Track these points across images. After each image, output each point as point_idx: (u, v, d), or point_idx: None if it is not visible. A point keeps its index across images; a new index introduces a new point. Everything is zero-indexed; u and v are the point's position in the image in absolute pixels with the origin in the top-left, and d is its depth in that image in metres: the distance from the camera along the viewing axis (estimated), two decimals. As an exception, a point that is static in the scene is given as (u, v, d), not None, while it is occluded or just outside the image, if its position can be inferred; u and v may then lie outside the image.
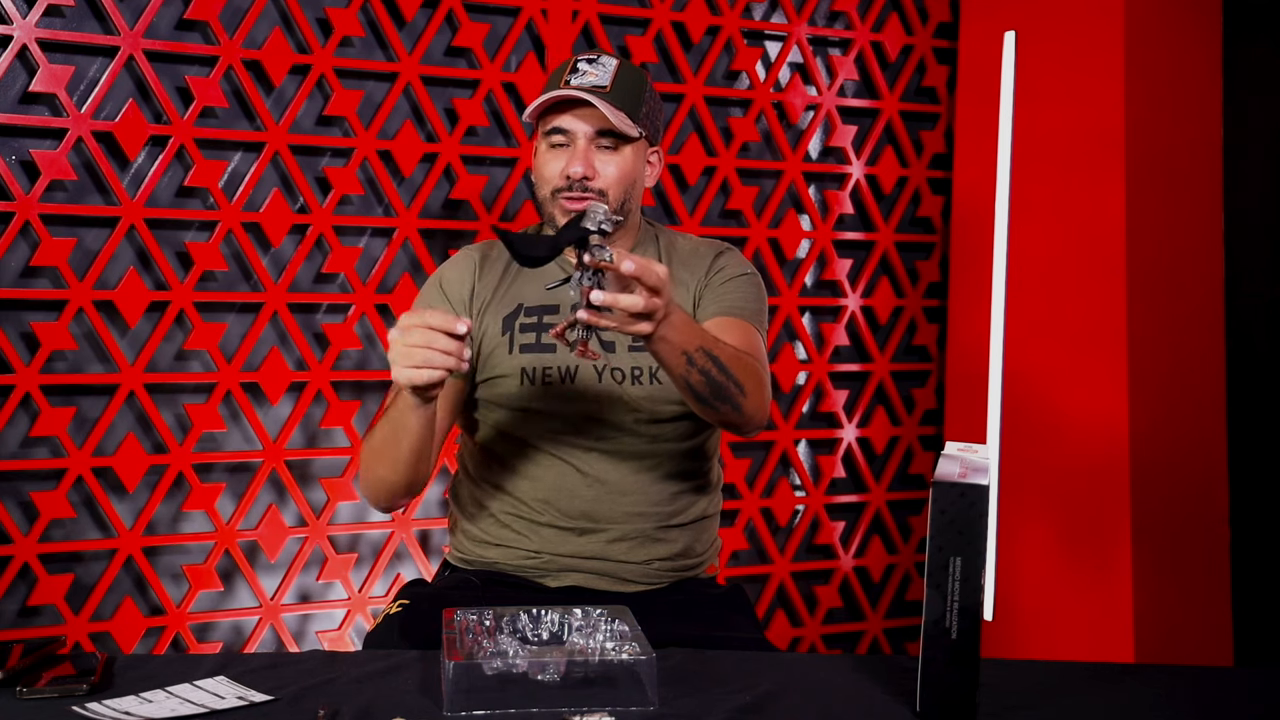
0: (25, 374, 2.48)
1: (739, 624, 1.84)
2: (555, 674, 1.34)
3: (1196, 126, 2.98)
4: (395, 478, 1.77)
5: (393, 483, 1.78)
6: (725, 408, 1.69)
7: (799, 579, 3.20)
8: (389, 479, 1.78)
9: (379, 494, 1.82)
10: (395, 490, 1.80)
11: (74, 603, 2.54)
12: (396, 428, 1.71)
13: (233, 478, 2.70)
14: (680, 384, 1.66)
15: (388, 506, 1.86)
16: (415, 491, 1.82)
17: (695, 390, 1.66)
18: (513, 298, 1.90)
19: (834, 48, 3.23)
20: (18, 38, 2.46)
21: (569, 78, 1.82)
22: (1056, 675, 1.53)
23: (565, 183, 1.81)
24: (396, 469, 1.75)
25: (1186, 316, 2.94)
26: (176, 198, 2.65)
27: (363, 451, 1.83)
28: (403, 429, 1.69)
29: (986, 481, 1.29)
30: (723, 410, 1.69)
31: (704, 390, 1.66)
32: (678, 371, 1.64)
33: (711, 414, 1.71)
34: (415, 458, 1.73)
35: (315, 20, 2.72)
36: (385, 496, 1.82)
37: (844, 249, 3.25)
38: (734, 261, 1.95)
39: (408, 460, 1.74)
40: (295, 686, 1.38)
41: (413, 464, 1.75)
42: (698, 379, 1.64)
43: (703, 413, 1.72)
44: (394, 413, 1.71)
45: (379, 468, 1.78)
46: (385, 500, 1.83)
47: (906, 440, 3.30)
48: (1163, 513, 2.85)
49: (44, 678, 1.36)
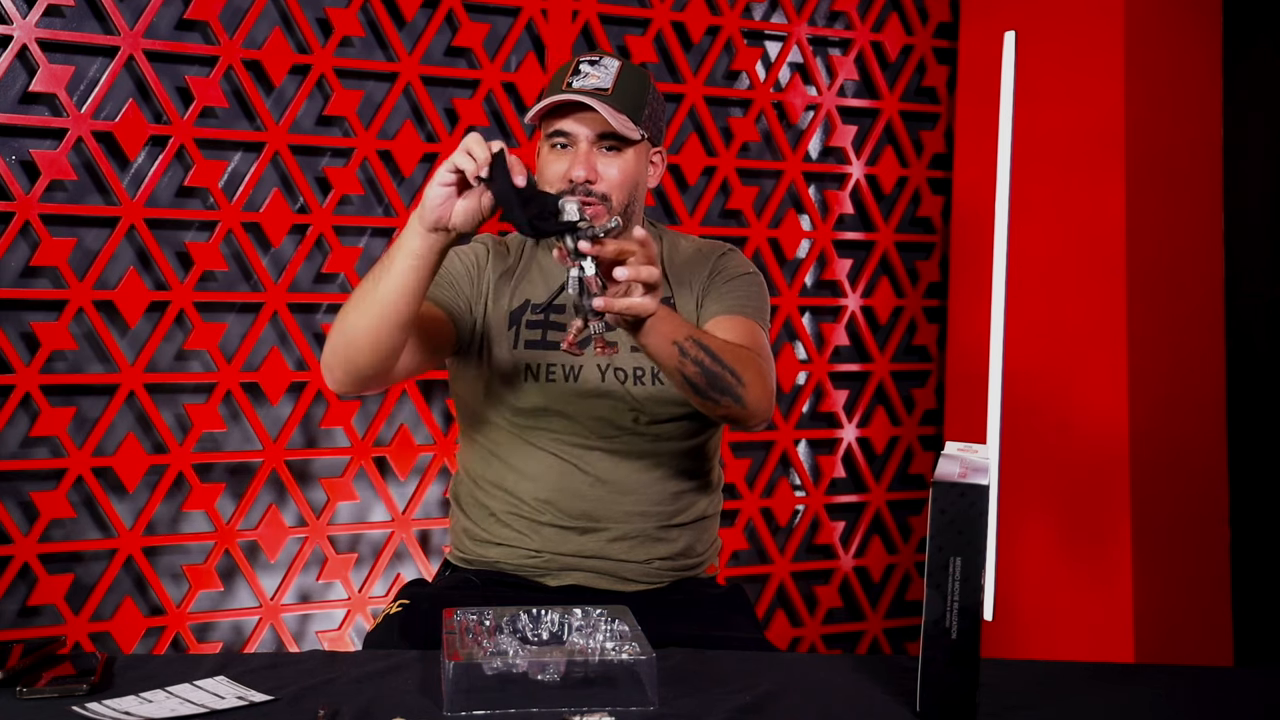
0: (25, 374, 2.48)
1: (739, 624, 1.84)
2: (555, 674, 1.34)
3: (1196, 126, 2.98)
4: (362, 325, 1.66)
5: (355, 331, 1.66)
6: (725, 400, 1.68)
7: (799, 579, 3.20)
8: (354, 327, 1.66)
9: (339, 349, 1.69)
10: (357, 343, 1.67)
11: (74, 603, 2.54)
12: (384, 270, 1.63)
13: (233, 478, 2.70)
14: (676, 378, 1.66)
15: (341, 371, 1.72)
16: (375, 359, 1.68)
17: (692, 382, 1.66)
18: (521, 293, 1.90)
19: (834, 48, 3.23)
20: (18, 38, 2.46)
21: (571, 80, 1.82)
22: (1056, 675, 1.52)
23: (568, 186, 1.80)
24: (368, 316, 1.64)
25: (1186, 316, 2.94)
26: (176, 198, 2.65)
27: (341, 311, 1.71)
28: (389, 272, 1.61)
29: (986, 481, 1.29)
30: (723, 402, 1.69)
31: (700, 381, 1.66)
32: (671, 364, 1.64)
33: (713, 407, 1.71)
34: (390, 309, 1.63)
35: (315, 20, 2.72)
36: (344, 351, 1.69)
37: (844, 249, 3.25)
38: (736, 261, 1.95)
39: (382, 306, 1.63)
40: (295, 686, 1.38)
41: (387, 314, 1.63)
42: (692, 369, 1.64)
43: (704, 407, 1.72)
44: (387, 260, 1.63)
45: (350, 314, 1.67)
46: (341, 355, 1.70)
47: (906, 440, 3.30)
48: (1163, 513, 2.85)
49: (44, 678, 1.36)
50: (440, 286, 1.84)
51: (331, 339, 1.72)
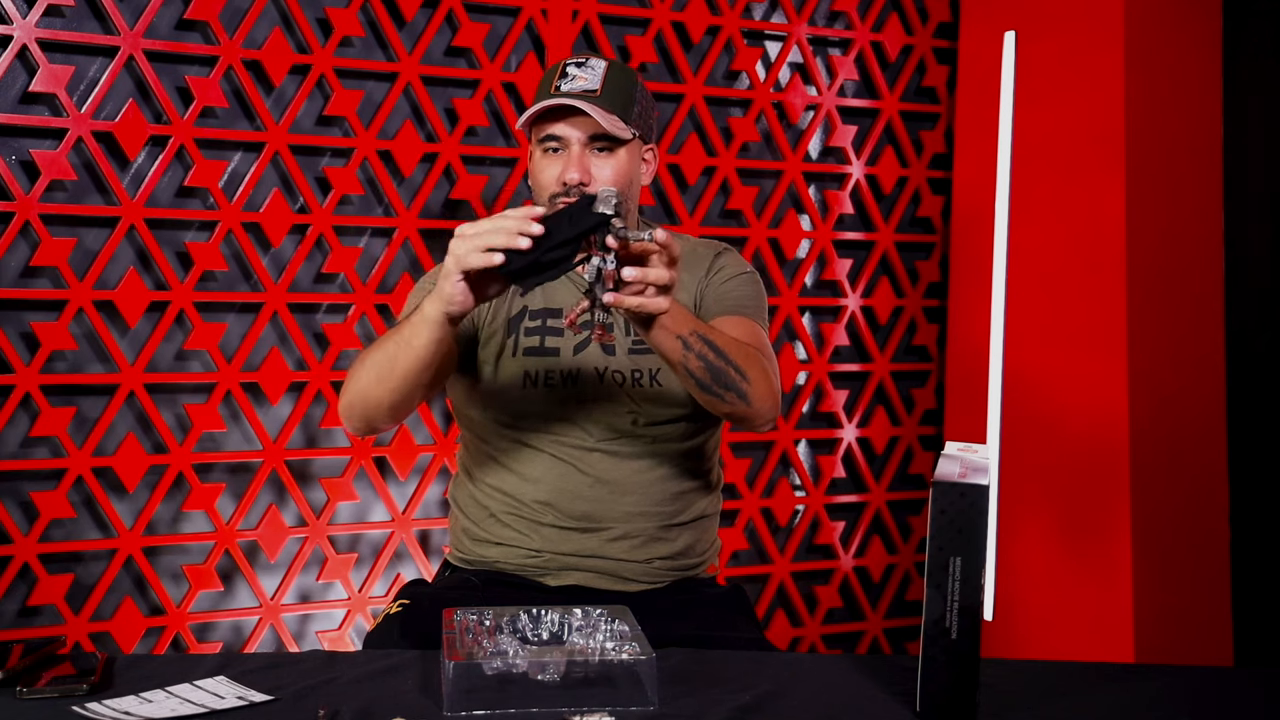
0: (25, 374, 2.48)
1: (739, 624, 1.84)
2: (555, 674, 1.34)
3: (1196, 126, 2.98)
4: (381, 394, 1.71)
5: (377, 398, 1.71)
6: (730, 395, 1.69)
7: (799, 579, 3.20)
8: (373, 394, 1.71)
9: (356, 407, 1.75)
10: (377, 407, 1.73)
11: (74, 603, 2.54)
12: (402, 344, 1.65)
13: (233, 478, 2.70)
14: (681, 372, 1.66)
15: (360, 424, 1.78)
16: (394, 418, 1.76)
17: (696, 377, 1.66)
18: (518, 301, 1.90)
19: (834, 48, 3.23)
20: (18, 38, 2.46)
21: (559, 83, 1.82)
22: (1056, 675, 1.52)
23: (562, 189, 1.81)
24: (386, 385, 1.69)
25: (1186, 316, 2.94)
26: (176, 198, 2.65)
27: (355, 364, 1.75)
28: (408, 348, 1.64)
29: (986, 481, 1.29)
30: (728, 399, 1.69)
31: (705, 376, 1.66)
32: (675, 358, 1.64)
33: (718, 404, 1.71)
34: (410, 381, 1.68)
35: (315, 20, 2.72)
36: (361, 410, 1.75)
37: (844, 249, 3.25)
38: (733, 261, 1.96)
39: (402, 380, 1.68)
40: (295, 686, 1.38)
41: (405, 386, 1.68)
42: (696, 364, 1.64)
43: (709, 404, 1.72)
44: (406, 331, 1.65)
45: (368, 379, 1.71)
46: (360, 414, 1.75)
47: (906, 440, 3.30)
48: (1163, 512, 2.85)
49: (44, 678, 1.36)
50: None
51: (349, 395, 1.76)
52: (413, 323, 1.64)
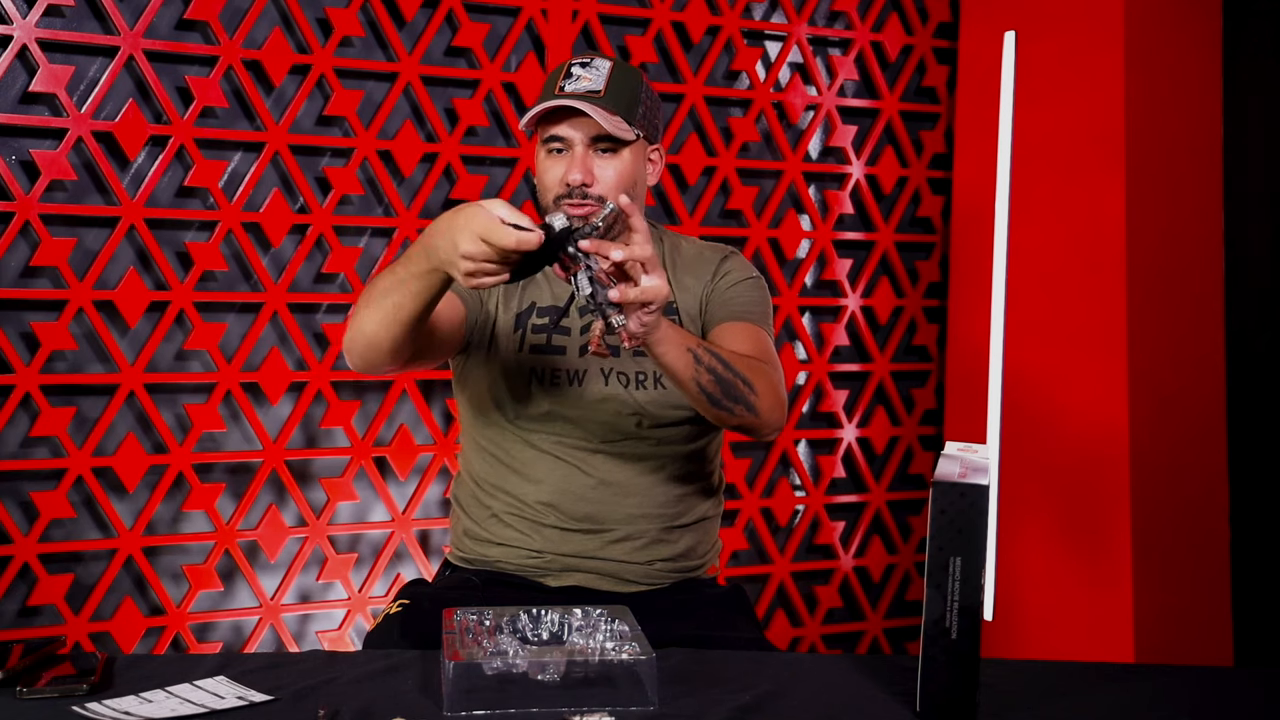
0: (25, 374, 2.48)
1: (739, 624, 1.84)
2: (555, 674, 1.34)
3: (1196, 126, 2.98)
4: (379, 332, 1.67)
5: (375, 336, 1.68)
6: (739, 408, 1.69)
7: (799, 579, 3.20)
8: (374, 330, 1.68)
9: (357, 342, 1.71)
10: (376, 347, 1.69)
11: (74, 603, 2.54)
12: (397, 286, 1.62)
13: (233, 478, 2.70)
14: (691, 388, 1.66)
15: (362, 363, 1.74)
16: (394, 359, 1.71)
17: (706, 391, 1.66)
18: (527, 296, 1.90)
19: (834, 48, 3.23)
20: (18, 38, 2.46)
21: (563, 84, 1.81)
22: (1056, 675, 1.52)
23: (565, 190, 1.80)
24: (384, 325, 1.66)
25: (1186, 316, 2.94)
26: (176, 198, 2.65)
27: (361, 296, 1.72)
28: (404, 290, 1.61)
29: (986, 481, 1.29)
30: (737, 411, 1.69)
31: (715, 390, 1.66)
32: (687, 374, 1.64)
33: (727, 417, 1.71)
34: (406, 319, 1.64)
35: (315, 20, 2.72)
36: (362, 348, 1.71)
37: (844, 249, 3.25)
38: (739, 266, 1.95)
39: (397, 318, 1.64)
40: (295, 686, 1.38)
41: (401, 328, 1.65)
42: (707, 378, 1.65)
43: (717, 418, 1.71)
44: (403, 268, 1.61)
45: (368, 314, 1.68)
46: (360, 351, 1.72)
47: (906, 440, 3.30)
48: (1163, 512, 2.85)
49: (44, 678, 1.36)
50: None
51: (351, 331, 1.72)
52: (415, 256, 1.59)
